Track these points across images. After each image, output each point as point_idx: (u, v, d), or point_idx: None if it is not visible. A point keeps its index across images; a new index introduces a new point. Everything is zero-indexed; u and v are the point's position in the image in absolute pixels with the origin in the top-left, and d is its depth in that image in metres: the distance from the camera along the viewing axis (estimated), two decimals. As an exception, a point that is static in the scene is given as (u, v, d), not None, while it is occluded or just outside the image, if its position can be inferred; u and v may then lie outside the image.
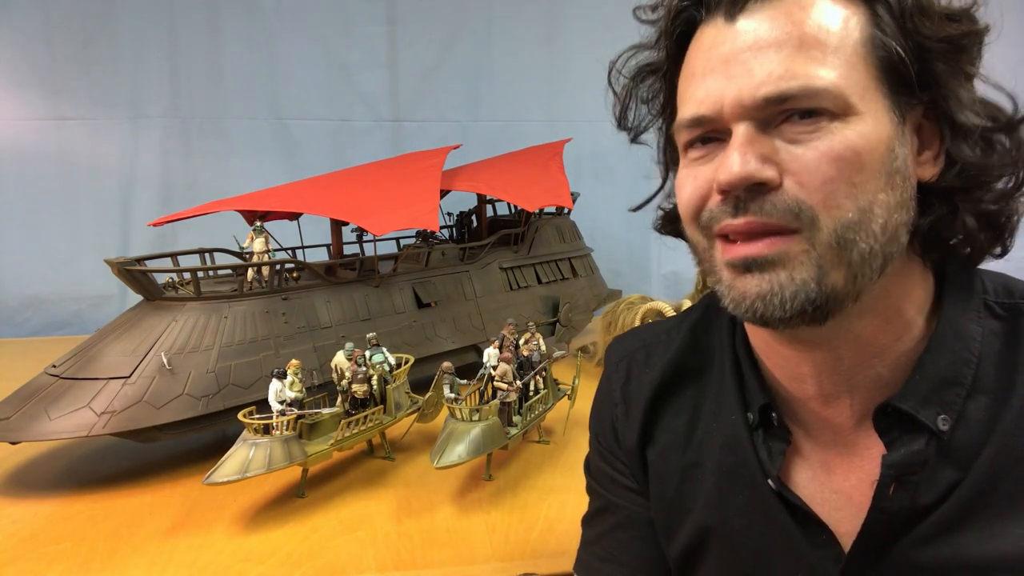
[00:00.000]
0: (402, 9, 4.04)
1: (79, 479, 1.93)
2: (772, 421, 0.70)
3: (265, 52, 3.94)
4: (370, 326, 2.41)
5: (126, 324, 2.10)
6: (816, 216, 0.56)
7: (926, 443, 0.61)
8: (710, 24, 0.61)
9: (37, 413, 1.83)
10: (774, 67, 0.56)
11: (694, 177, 0.62)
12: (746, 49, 0.57)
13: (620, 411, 0.86)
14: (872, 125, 0.57)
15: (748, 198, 0.57)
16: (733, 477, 0.73)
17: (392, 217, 2.44)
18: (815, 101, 0.56)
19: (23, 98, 3.73)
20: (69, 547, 1.55)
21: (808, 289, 0.56)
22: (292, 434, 1.75)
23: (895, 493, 0.62)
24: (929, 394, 0.61)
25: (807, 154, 0.56)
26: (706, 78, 0.60)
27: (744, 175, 0.56)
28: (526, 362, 2.09)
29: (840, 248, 0.56)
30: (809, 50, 0.56)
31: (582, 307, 3.36)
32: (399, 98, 4.13)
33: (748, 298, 0.59)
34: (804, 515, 0.67)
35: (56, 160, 3.78)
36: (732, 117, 0.58)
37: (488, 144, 3.85)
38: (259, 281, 2.27)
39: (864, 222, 0.57)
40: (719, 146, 0.61)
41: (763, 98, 0.56)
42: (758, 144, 0.57)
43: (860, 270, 0.58)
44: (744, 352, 0.75)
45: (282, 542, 1.57)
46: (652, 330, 0.90)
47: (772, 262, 0.57)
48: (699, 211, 0.62)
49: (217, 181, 3.84)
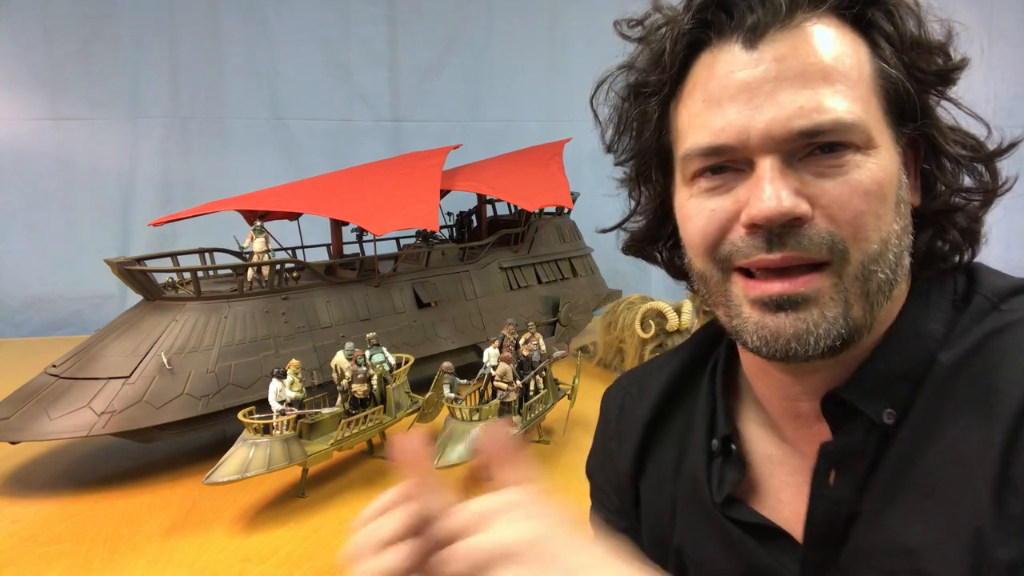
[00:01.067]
0: (402, 9, 4.05)
1: (79, 479, 1.93)
2: (731, 452, 0.71)
3: (265, 52, 3.95)
4: (370, 326, 2.41)
5: (126, 324, 2.10)
6: (847, 249, 0.56)
7: (866, 434, 0.61)
8: (723, 48, 0.59)
9: (37, 413, 1.84)
10: (805, 100, 0.55)
11: (711, 209, 0.60)
12: (771, 79, 0.56)
13: (614, 445, 0.87)
14: (887, 157, 0.58)
15: (784, 232, 0.56)
16: (694, 503, 0.74)
17: (392, 217, 2.44)
18: (844, 135, 0.56)
19: (23, 98, 3.73)
20: (69, 547, 1.55)
21: (838, 326, 0.57)
22: (292, 434, 1.75)
23: (836, 482, 0.62)
24: (877, 388, 0.61)
25: (837, 188, 0.56)
26: (724, 106, 0.58)
27: (784, 211, 0.55)
28: (526, 362, 2.09)
29: (864, 280, 0.57)
30: (835, 83, 0.56)
31: (582, 307, 3.36)
32: (399, 98, 4.14)
33: (783, 338, 0.57)
34: (764, 529, 0.68)
35: (56, 160, 3.79)
36: (759, 149, 0.57)
37: (488, 144, 3.85)
38: (259, 281, 2.27)
39: (884, 253, 0.57)
40: (736, 177, 0.59)
41: (798, 131, 0.55)
42: (789, 178, 0.56)
43: (876, 299, 0.59)
44: (721, 381, 0.76)
45: (282, 542, 1.57)
46: (648, 365, 0.90)
47: (806, 300, 0.57)
48: (717, 244, 0.60)
49: (217, 181, 3.84)
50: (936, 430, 0.58)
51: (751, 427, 0.74)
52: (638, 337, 2.63)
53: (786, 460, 0.70)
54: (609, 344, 2.88)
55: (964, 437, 0.55)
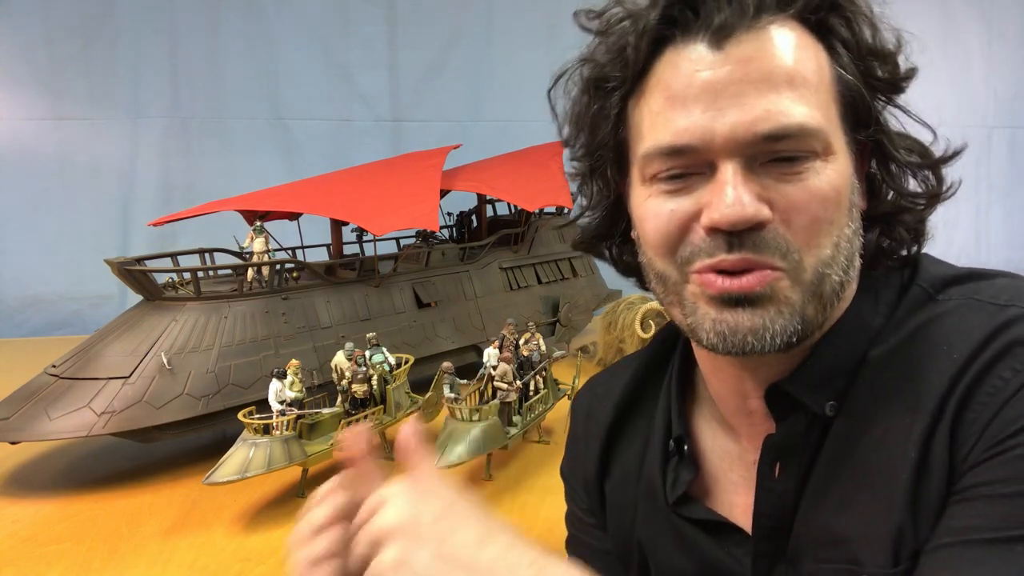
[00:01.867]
0: (402, 9, 4.05)
1: (79, 479, 1.93)
2: (683, 452, 0.73)
3: (265, 52, 3.95)
4: (370, 326, 2.41)
5: (126, 324, 2.10)
6: (801, 257, 0.57)
7: (808, 426, 0.62)
8: (688, 47, 0.58)
9: (37, 413, 1.83)
10: (770, 104, 0.55)
11: (671, 210, 0.60)
12: (736, 80, 0.55)
13: (582, 446, 0.88)
14: (843, 164, 0.59)
15: (744, 235, 0.56)
16: (651, 501, 0.75)
17: (392, 217, 2.44)
18: (807, 142, 0.56)
19: (23, 98, 3.73)
20: (69, 547, 1.55)
21: (794, 322, 0.58)
22: (292, 434, 1.75)
23: (781, 474, 0.63)
24: (820, 381, 0.62)
25: (796, 193, 0.56)
26: (688, 106, 0.57)
27: (747, 216, 0.55)
28: (526, 362, 2.09)
29: (817, 283, 0.58)
30: (798, 88, 0.56)
31: (582, 307, 3.36)
32: (399, 98, 4.14)
33: (740, 332, 0.58)
34: (716, 525, 0.69)
35: (56, 160, 3.79)
36: (723, 151, 0.56)
37: (488, 144, 3.85)
38: (259, 281, 2.27)
39: (836, 256, 0.58)
40: (696, 179, 0.59)
41: (762, 135, 0.55)
42: (752, 182, 0.56)
43: (829, 300, 0.60)
44: (677, 383, 0.77)
45: (282, 542, 1.55)
46: (615, 367, 0.92)
47: (762, 298, 0.57)
48: (677, 244, 0.60)
49: (217, 181, 3.84)
50: (868, 421, 0.59)
51: (706, 425, 0.76)
52: (638, 337, 2.63)
53: (741, 456, 0.71)
54: (609, 344, 2.88)
55: (892, 427, 0.57)
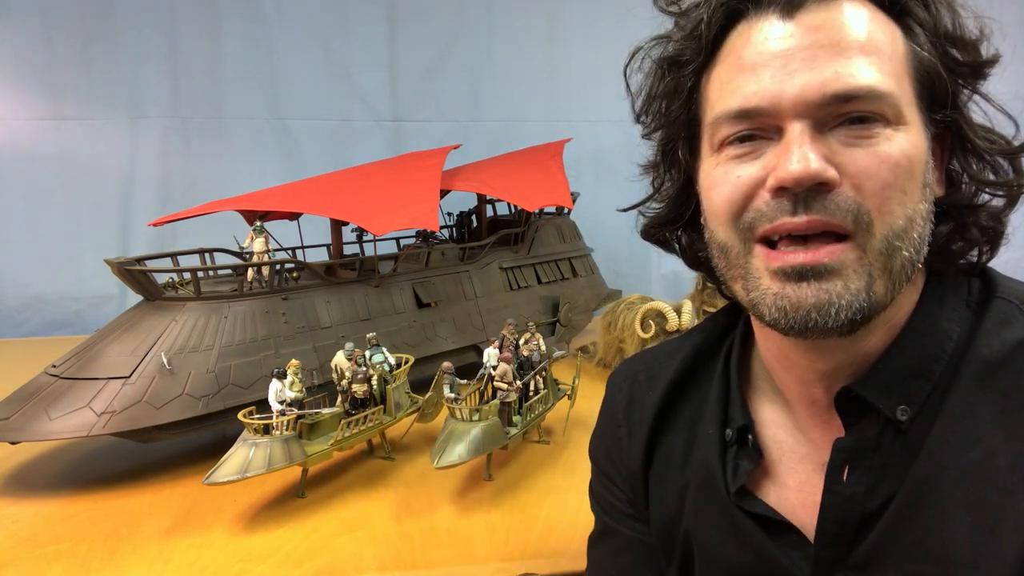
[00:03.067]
0: (402, 9, 4.04)
1: (79, 479, 1.93)
2: (747, 441, 0.71)
3: (265, 52, 3.94)
4: (370, 326, 2.41)
5: (126, 324, 2.10)
6: (872, 221, 0.56)
7: (879, 430, 0.61)
8: (760, 18, 0.59)
9: (37, 413, 1.83)
10: (839, 66, 0.56)
11: (738, 175, 0.60)
12: (807, 46, 0.56)
13: (624, 432, 0.86)
14: (916, 136, 0.58)
15: (811, 197, 0.56)
16: (706, 490, 0.74)
17: (392, 217, 2.44)
18: (876, 105, 0.56)
19: (23, 98, 3.73)
20: (69, 547, 1.55)
21: (860, 299, 0.56)
22: (292, 434, 1.75)
23: (850, 478, 0.62)
24: (892, 384, 0.61)
25: (866, 158, 0.56)
26: (758, 72, 0.58)
27: (813, 172, 0.54)
28: (526, 362, 2.09)
29: (887, 256, 0.57)
30: (869, 55, 0.56)
31: (582, 307, 3.36)
32: (399, 98, 4.13)
33: (804, 308, 0.57)
34: (775, 523, 0.68)
35: (56, 160, 3.78)
36: (790, 113, 0.56)
37: (488, 144, 3.84)
38: (259, 281, 2.27)
39: (909, 230, 0.57)
40: (764, 144, 0.59)
41: (831, 94, 0.55)
42: (819, 144, 0.56)
43: (899, 278, 0.58)
44: (736, 370, 0.76)
45: (282, 542, 1.57)
46: (656, 352, 0.90)
47: (829, 271, 0.56)
48: (741, 211, 0.60)
49: (217, 181, 3.84)
50: (970, 437, 0.57)
51: (764, 413, 0.74)
52: (638, 337, 2.63)
53: (796, 447, 0.70)
54: (609, 344, 2.88)
55: (1004, 451, 0.55)
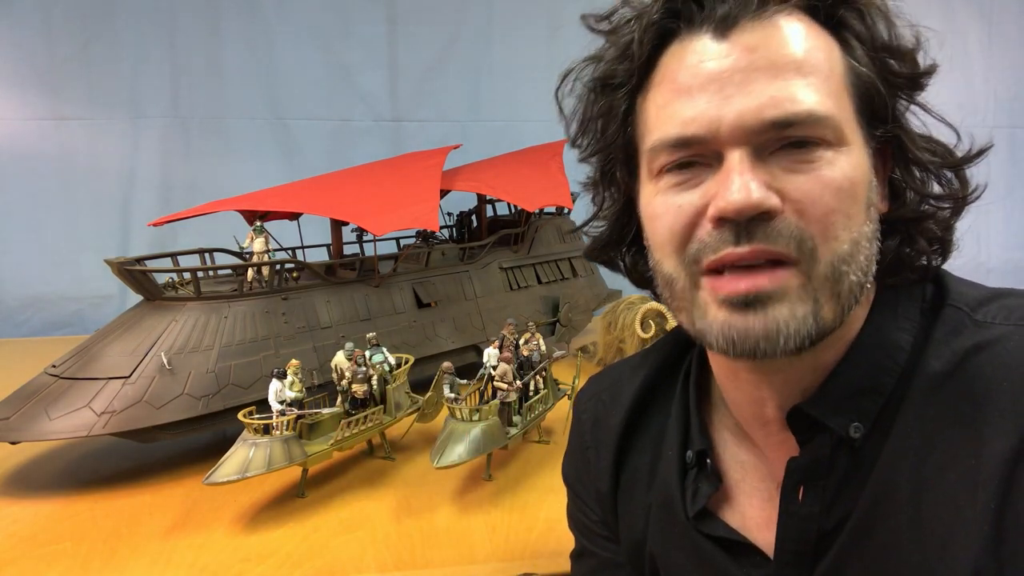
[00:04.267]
0: (402, 9, 4.04)
1: (79, 479, 1.93)
2: (706, 465, 0.70)
3: (265, 52, 3.94)
4: (370, 326, 2.41)
5: (126, 324, 2.10)
6: (816, 247, 0.55)
7: (833, 448, 0.60)
8: (693, 39, 0.57)
9: (37, 413, 1.83)
10: (777, 91, 0.53)
11: (679, 205, 0.58)
12: (742, 68, 0.54)
13: (592, 454, 0.85)
14: (858, 156, 0.57)
15: (753, 226, 0.54)
16: (667, 513, 0.73)
17: (392, 217, 2.44)
18: (817, 129, 0.55)
19: (23, 98, 3.73)
20: (69, 547, 1.55)
21: (808, 325, 0.55)
22: (292, 434, 1.75)
23: (805, 499, 0.61)
24: (843, 401, 0.60)
25: (808, 183, 0.54)
26: (694, 96, 0.56)
27: (755, 202, 0.53)
28: (526, 362, 2.09)
29: (834, 281, 0.56)
30: (807, 76, 0.55)
31: (582, 307, 3.36)
32: (399, 98, 4.13)
33: (752, 337, 0.56)
34: (735, 544, 0.67)
35: (56, 160, 3.78)
36: (729, 140, 0.55)
37: (488, 144, 3.85)
38: (259, 281, 2.27)
39: (855, 254, 0.56)
40: (702, 171, 0.57)
41: (770, 121, 0.53)
42: (760, 171, 0.55)
43: (847, 301, 0.57)
44: (695, 391, 0.75)
45: (282, 542, 1.57)
46: (619, 369, 0.88)
47: (773, 297, 0.55)
48: (685, 241, 0.58)
49: (217, 181, 3.84)
50: (920, 452, 0.56)
51: (722, 434, 0.73)
52: (638, 337, 2.63)
53: (756, 466, 0.69)
54: (609, 344, 2.88)
55: (952, 465, 0.54)
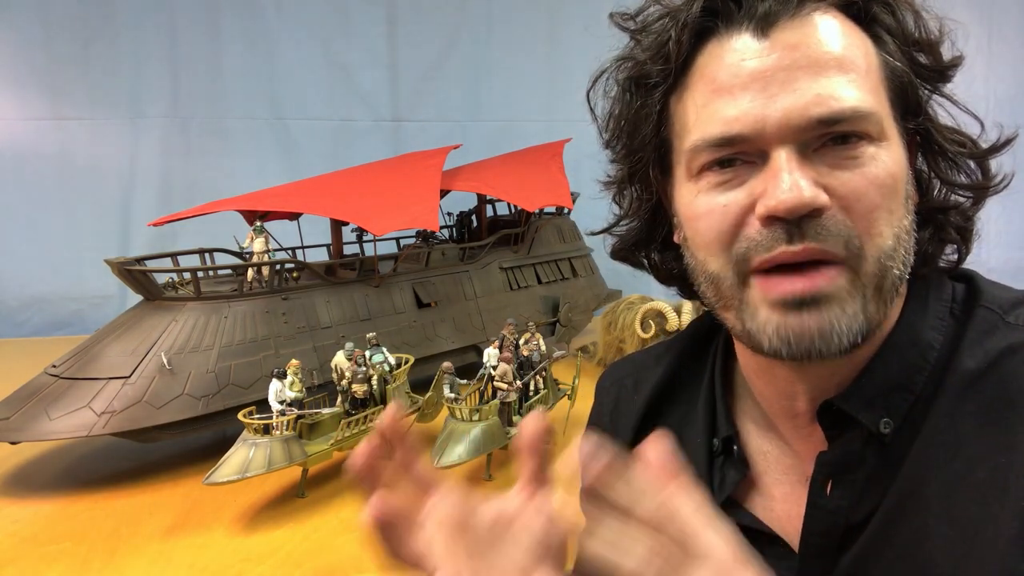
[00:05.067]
0: (402, 9, 4.05)
1: (79, 479, 1.93)
2: (733, 452, 0.70)
3: (265, 52, 3.95)
4: (370, 326, 2.40)
5: (126, 324, 2.10)
6: (862, 245, 0.55)
7: (862, 444, 0.60)
8: (732, 37, 0.57)
9: (37, 413, 1.83)
10: (822, 88, 0.53)
11: (723, 204, 0.57)
12: (786, 67, 0.54)
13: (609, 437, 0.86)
14: (897, 151, 0.57)
15: (804, 223, 0.54)
16: None
17: (392, 217, 2.44)
18: (861, 125, 0.54)
19: (23, 98, 3.73)
20: (69, 547, 1.55)
21: (859, 322, 0.55)
22: (292, 434, 1.75)
23: (833, 492, 0.61)
24: (875, 397, 0.60)
25: (854, 179, 0.54)
26: (736, 95, 0.56)
27: (806, 201, 0.52)
28: (526, 362, 2.09)
29: (880, 277, 0.56)
30: (848, 72, 0.55)
31: (582, 307, 3.35)
32: (399, 98, 4.14)
33: (807, 337, 0.55)
34: (759, 534, 0.67)
35: (56, 160, 3.79)
36: (775, 138, 0.55)
37: (488, 144, 3.85)
38: (259, 281, 2.27)
39: (897, 248, 0.56)
40: (746, 168, 0.57)
41: (816, 118, 0.53)
42: (807, 168, 0.54)
43: (890, 296, 0.57)
44: (720, 380, 0.75)
45: (282, 542, 1.57)
46: (644, 356, 0.88)
47: (827, 297, 0.55)
48: (732, 240, 0.57)
49: (217, 181, 3.84)
50: (951, 449, 0.56)
51: (747, 424, 0.73)
52: (638, 337, 2.63)
53: (780, 458, 0.69)
54: (609, 344, 2.88)
55: (984, 463, 0.54)
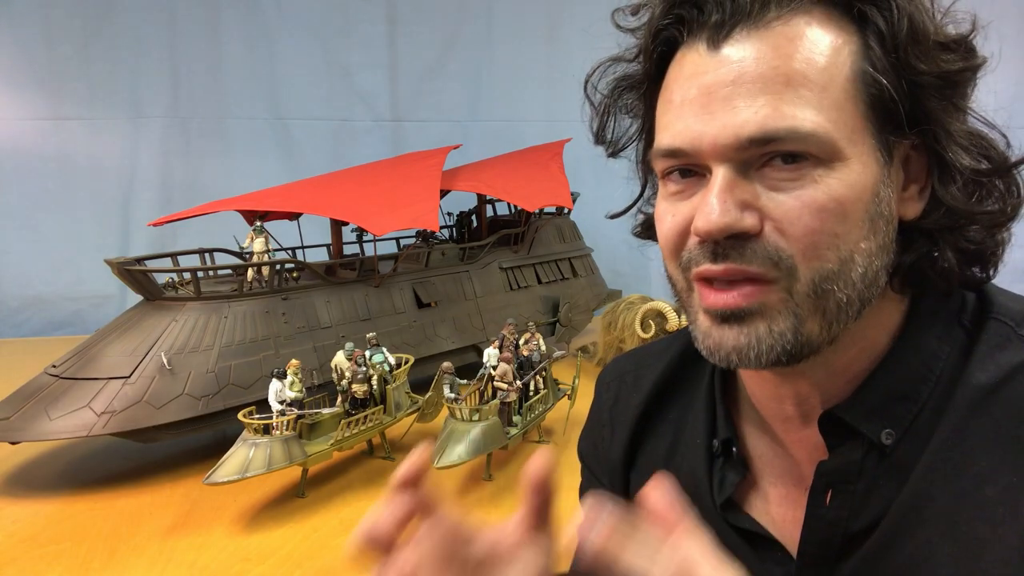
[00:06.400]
0: (402, 9, 4.05)
1: (79, 479, 1.93)
2: (732, 454, 0.70)
3: (265, 52, 3.95)
4: (370, 326, 2.40)
5: (126, 324, 2.10)
6: (795, 265, 0.54)
7: (863, 454, 0.60)
8: (691, 48, 0.57)
9: (37, 413, 1.83)
10: (759, 107, 0.52)
11: (672, 214, 0.59)
12: (728, 83, 0.54)
13: (607, 432, 0.86)
14: (858, 171, 0.55)
15: (728, 245, 0.54)
16: (694, 499, 0.71)
17: (392, 217, 2.44)
18: (800, 145, 0.53)
19: (23, 98, 3.73)
20: (69, 547, 1.55)
21: (785, 340, 0.55)
22: (292, 434, 1.75)
23: (832, 502, 0.61)
24: (877, 408, 0.60)
25: (788, 203, 0.53)
26: (683, 109, 0.56)
27: (723, 225, 0.53)
28: (526, 362, 2.09)
29: (817, 298, 0.55)
30: (797, 88, 0.53)
31: (582, 307, 3.35)
32: (399, 98, 4.13)
33: (723, 349, 0.57)
34: (758, 537, 0.67)
35: (56, 160, 3.79)
36: (711, 156, 0.55)
37: (488, 144, 3.85)
38: (259, 281, 2.27)
39: (844, 272, 0.55)
40: (698, 181, 0.57)
41: (747, 138, 0.53)
42: (738, 190, 0.54)
43: (836, 318, 0.57)
44: (719, 381, 0.75)
45: (282, 542, 1.57)
46: (645, 352, 0.89)
47: (751, 313, 0.55)
48: (679, 249, 0.59)
49: (217, 181, 3.84)
50: (959, 465, 0.56)
51: (745, 426, 0.73)
52: (638, 337, 2.63)
53: (775, 460, 0.69)
54: (609, 344, 2.88)
55: (992, 480, 0.53)
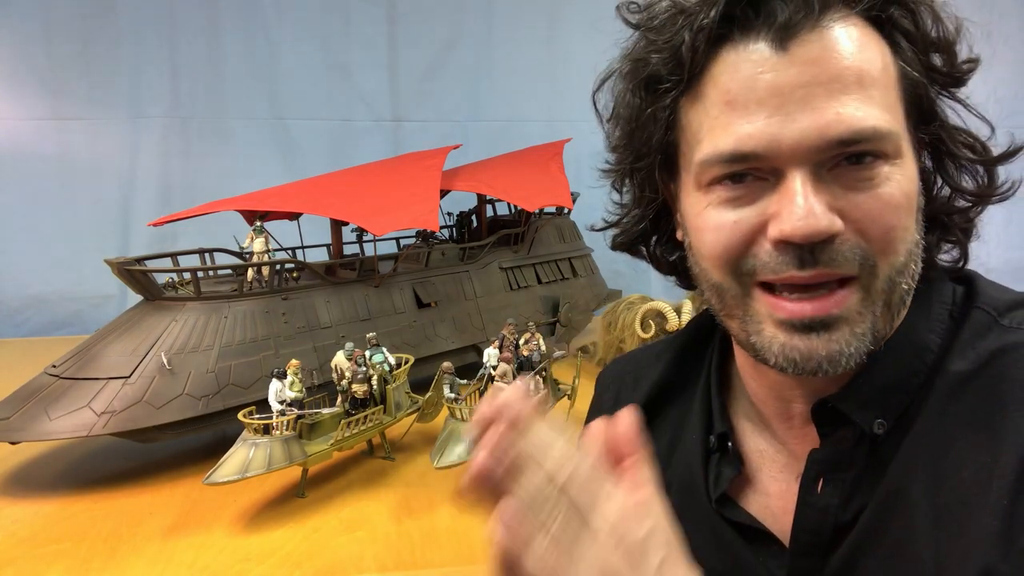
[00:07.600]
0: (402, 9, 4.04)
1: (79, 479, 1.93)
2: (728, 449, 0.71)
3: (265, 52, 3.94)
4: (370, 326, 2.40)
5: (126, 324, 2.10)
6: (876, 264, 0.54)
7: (854, 443, 0.61)
8: (748, 47, 0.55)
9: (37, 413, 1.83)
10: (840, 106, 0.52)
11: (733, 221, 0.57)
12: (804, 83, 0.53)
13: None
14: (911, 166, 0.57)
15: (816, 249, 0.53)
16: (689, 495, 0.73)
17: (392, 217, 2.44)
18: (879, 144, 0.53)
19: (23, 98, 3.73)
20: (69, 547, 1.55)
21: (867, 341, 0.56)
22: (292, 434, 1.75)
23: (824, 490, 0.62)
24: (871, 398, 0.60)
25: (869, 202, 0.54)
26: (751, 111, 0.54)
27: (821, 229, 0.52)
28: (526, 362, 2.09)
29: (889, 292, 0.56)
30: (868, 88, 0.53)
31: (582, 307, 3.35)
32: (399, 98, 4.13)
33: (815, 359, 0.55)
34: (753, 531, 0.67)
35: (56, 160, 3.78)
36: (790, 159, 0.53)
37: (488, 144, 3.85)
38: (259, 281, 2.27)
39: (908, 263, 0.56)
40: (758, 186, 0.56)
41: (834, 139, 0.52)
42: (822, 192, 0.53)
43: (897, 309, 0.58)
44: (716, 377, 0.75)
45: (282, 542, 1.57)
46: (645, 352, 0.89)
47: (837, 320, 0.55)
48: (740, 257, 0.57)
49: (217, 181, 3.83)
50: (938, 449, 0.56)
51: (743, 422, 0.74)
52: (638, 337, 2.63)
53: (775, 456, 0.70)
54: (609, 344, 2.88)
55: (970, 462, 0.54)
